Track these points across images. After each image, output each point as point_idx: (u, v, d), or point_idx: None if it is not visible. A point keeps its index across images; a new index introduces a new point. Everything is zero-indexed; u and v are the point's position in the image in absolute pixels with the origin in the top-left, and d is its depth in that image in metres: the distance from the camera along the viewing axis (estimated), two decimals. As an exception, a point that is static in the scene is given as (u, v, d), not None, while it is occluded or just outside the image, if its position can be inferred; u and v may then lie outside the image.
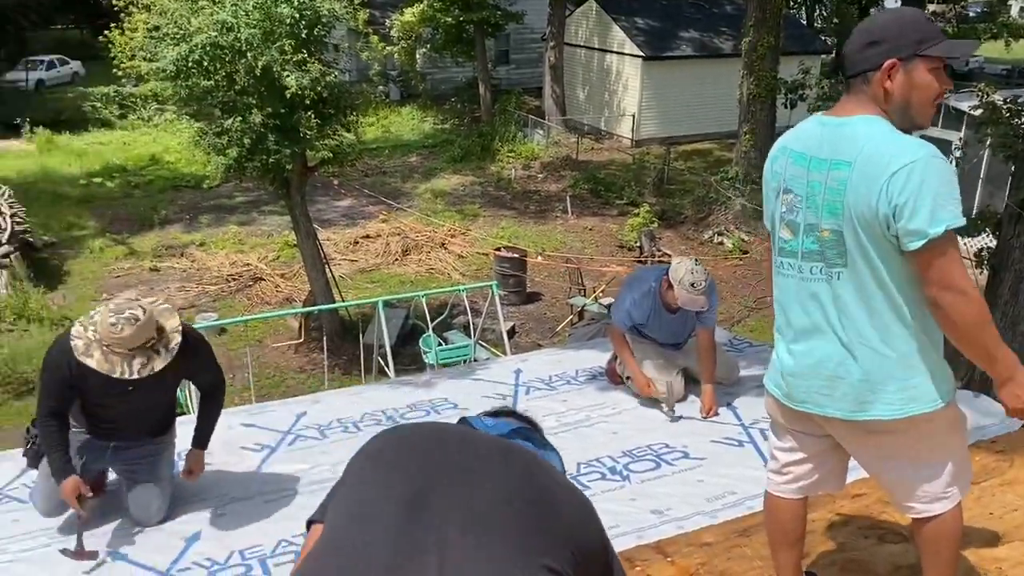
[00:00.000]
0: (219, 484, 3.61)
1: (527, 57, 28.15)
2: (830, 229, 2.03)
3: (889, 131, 1.99)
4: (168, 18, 9.15)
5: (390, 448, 1.40)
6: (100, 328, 2.97)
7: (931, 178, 1.89)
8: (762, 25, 15.09)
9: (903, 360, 2.05)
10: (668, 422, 4.22)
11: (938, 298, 1.94)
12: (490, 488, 1.31)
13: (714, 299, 4.31)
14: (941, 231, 1.88)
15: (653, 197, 17.39)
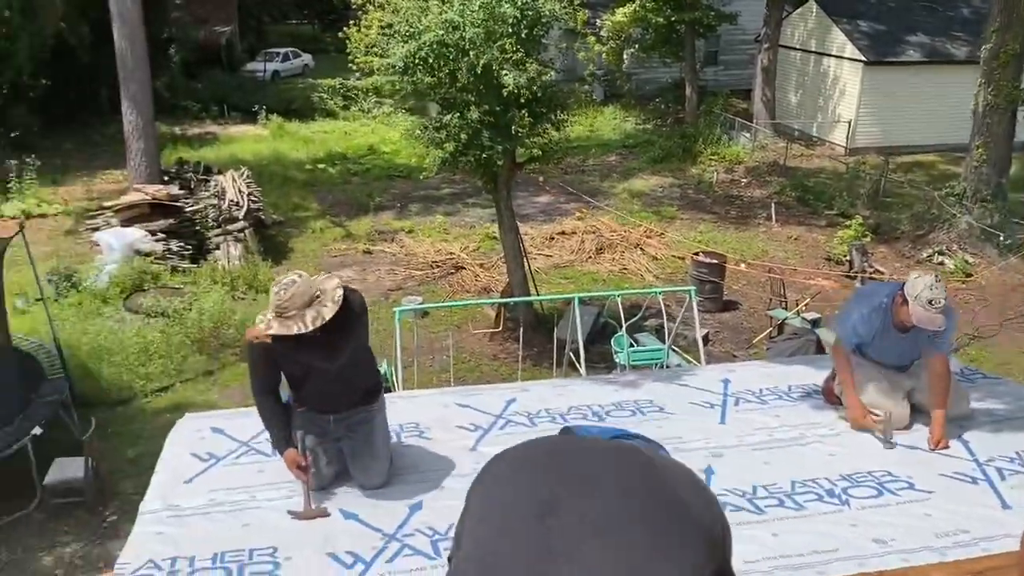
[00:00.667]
0: (438, 460, 3.83)
1: (737, 59, 27.37)
2: None
3: None
4: (401, 16, 9.69)
5: (509, 470, 1.38)
6: (270, 303, 3.31)
7: None
8: (1007, 30, 13.83)
9: None
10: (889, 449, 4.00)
11: None
12: (613, 492, 1.28)
13: (951, 321, 4.00)
14: None
15: (866, 209, 16.41)
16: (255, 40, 35.42)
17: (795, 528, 3.30)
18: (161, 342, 10.36)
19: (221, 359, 10.22)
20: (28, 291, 11.29)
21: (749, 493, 3.57)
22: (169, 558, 3.11)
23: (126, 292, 11.95)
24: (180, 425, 4.27)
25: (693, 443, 4.05)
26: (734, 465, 3.82)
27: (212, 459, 3.87)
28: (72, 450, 7.76)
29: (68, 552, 6.89)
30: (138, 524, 3.38)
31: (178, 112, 24.40)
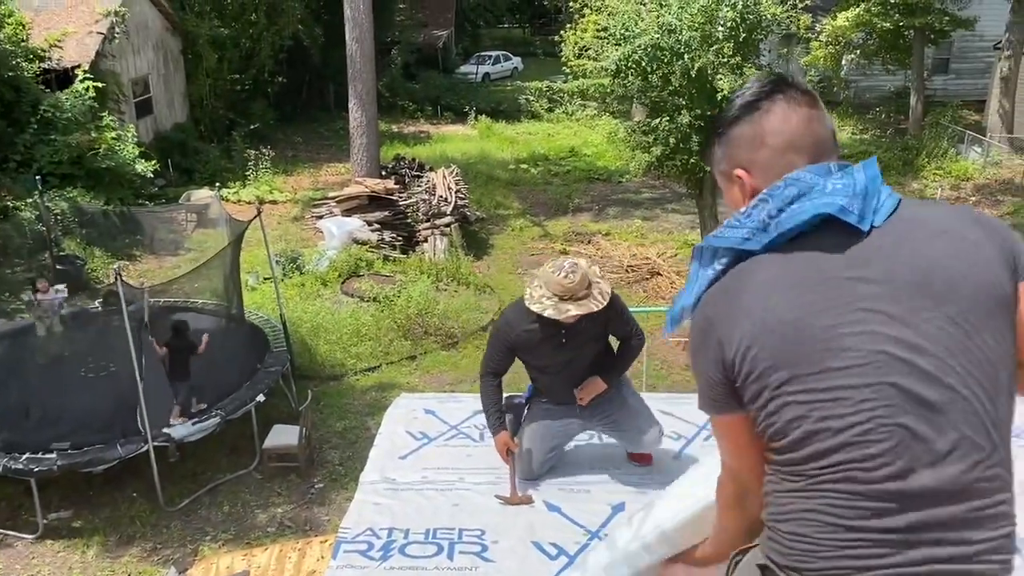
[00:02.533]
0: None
1: (971, 67, 25.20)
2: None
3: None
4: (617, 19, 9.75)
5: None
6: (549, 284, 3.35)
7: None
8: None
9: None
10: None
11: None
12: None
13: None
14: None
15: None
16: (469, 43, 36.86)
17: None
18: (371, 325, 11.04)
19: (423, 345, 10.74)
20: (259, 270, 12.41)
21: None
22: (386, 528, 3.32)
23: (343, 277, 12.84)
24: (397, 404, 4.53)
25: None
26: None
27: (424, 438, 4.08)
28: (289, 419, 8.45)
29: (280, 512, 7.50)
30: (359, 493, 3.62)
31: (396, 111, 25.87)
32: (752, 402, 1.45)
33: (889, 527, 1.35)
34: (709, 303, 1.50)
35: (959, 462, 1.34)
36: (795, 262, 1.43)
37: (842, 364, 1.37)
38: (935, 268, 1.38)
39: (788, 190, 1.45)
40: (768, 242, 1.44)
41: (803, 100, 1.50)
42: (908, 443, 1.34)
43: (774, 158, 1.49)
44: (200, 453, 7.94)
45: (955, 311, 1.36)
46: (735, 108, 1.53)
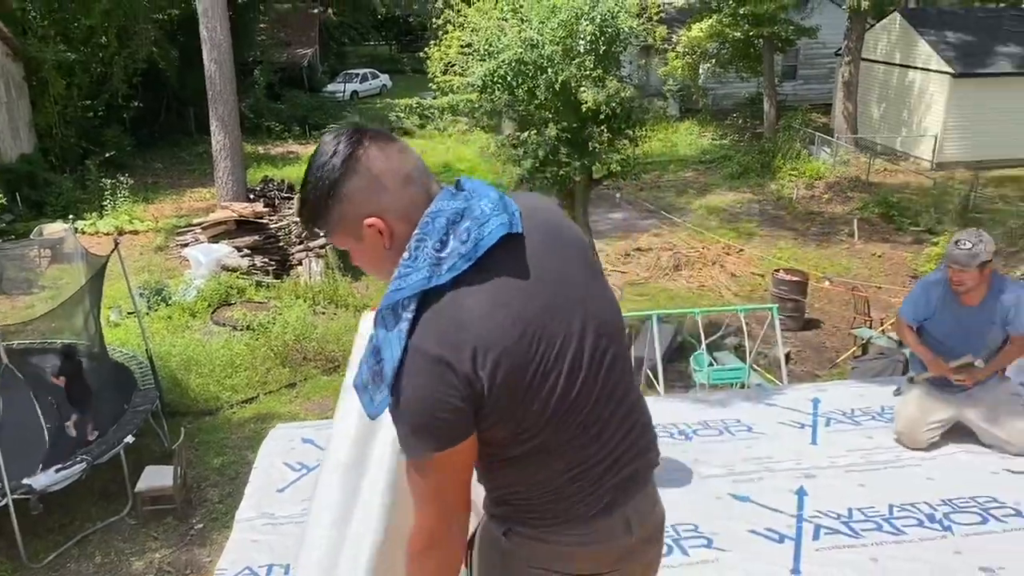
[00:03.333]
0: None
1: (817, 72, 26.89)
2: None
3: None
4: (480, 36, 9.83)
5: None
6: None
7: None
8: (1109, 37, 13.23)
9: None
10: (993, 473, 3.83)
11: None
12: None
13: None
14: None
15: (955, 226, 15.82)
16: (335, 61, 36.37)
17: (893, 553, 3.19)
18: (246, 355, 10.66)
19: (303, 372, 10.45)
20: (122, 304, 11.77)
21: (845, 516, 3.47)
22: (265, 565, 3.19)
23: (213, 306, 12.35)
24: (272, 436, 4.38)
25: (784, 463, 3.96)
26: (828, 487, 3.72)
27: (303, 469, 3.96)
28: (162, 459, 8.04)
29: (157, 557, 7.12)
30: (235, 531, 3.47)
31: (262, 132, 25.19)
32: (503, 414, 1.52)
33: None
34: (427, 343, 1.47)
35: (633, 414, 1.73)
36: (496, 278, 1.51)
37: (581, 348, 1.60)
38: (569, 249, 1.64)
39: (438, 222, 1.50)
40: (456, 274, 1.48)
41: (386, 138, 1.56)
42: None
43: (397, 196, 1.52)
44: (66, 502, 7.45)
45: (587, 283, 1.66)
46: (336, 167, 1.51)
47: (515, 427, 1.55)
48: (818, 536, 3.31)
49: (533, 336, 1.51)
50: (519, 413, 1.54)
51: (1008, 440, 3.96)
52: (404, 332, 1.48)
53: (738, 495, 3.65)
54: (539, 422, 1.56)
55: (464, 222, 1.50)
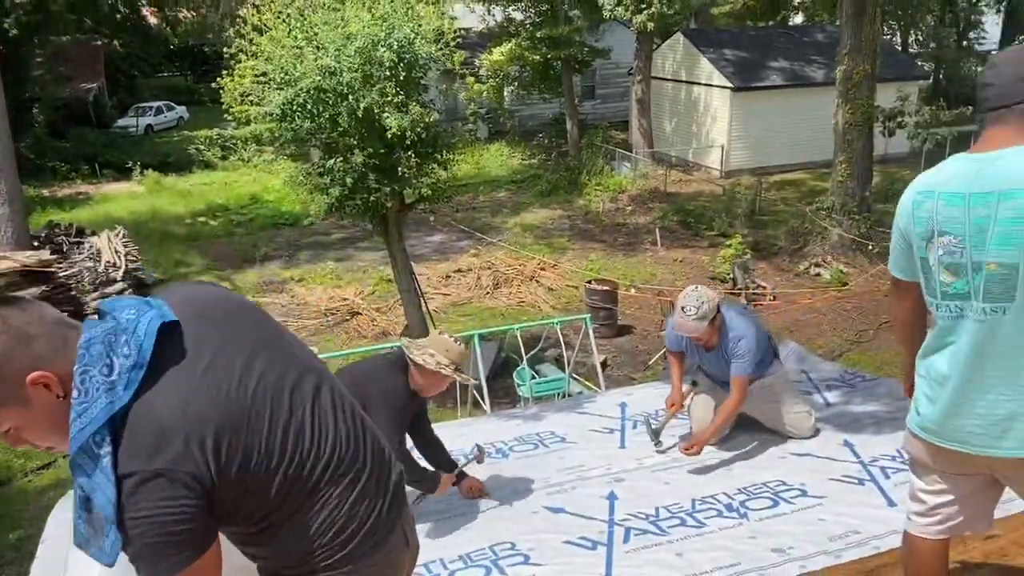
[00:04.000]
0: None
1: (613, 91, 28.31)
2: (1000, 263, 1.97)
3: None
4: (275, 64, 9.57)
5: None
6: (451, 352, 3.49)
7: None
8: (857, 52, 14.80)
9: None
10: (781, 458, 4.14)
11: None
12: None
13: (745, 344, 3.99)
14: None
15: (745, 228, 17.13)
16: (125, 95, 34.27)
17: (698, 546, 3.36)
18: (39, 416, 9.75)
19: (106, 429, 9.70)
20: None
21: (652, 515, 3.62)
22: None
23: (-3, 366, 11.22)
24: (61, 504, 4.01)
25: (595, 471, 4.09)
26: (636, 489, 3.87)
27: (97, 537, 3.64)
28: (-56, 542, 7.20)
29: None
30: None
31: (45, 173, 23.28)
32: (245, 485, 1.50)
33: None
34: (138, 464, 1.40)
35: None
36: (175, 370, 1.48)
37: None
38: (241, 316, 1.67)
39: (94, 349, 1.45)
40: (135, 387, 1.44)
41: (15, 298, 1.52)
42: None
43: (50, 339, 1.45)
44: None
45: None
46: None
47: (263, 493, 1.53)
48: (628, 539, 3.43)
49: (241, 406, 1.50)
50: (259, 478, 1.51)
51: (790, 425, 4.29)
52: (109, 467, 1.39)
53: (553, 507, 3.73)
54: (283, 477, 1.54)
55: (120, 337, 1.45)
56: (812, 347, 12.18)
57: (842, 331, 12.86)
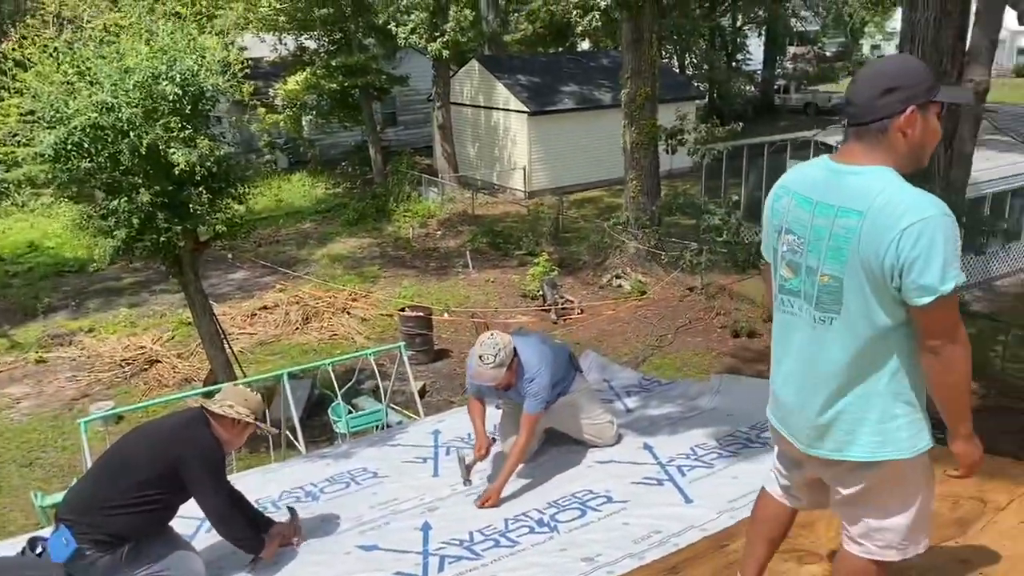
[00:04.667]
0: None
1: (415, 118, 28.51)
2: (831, 275, 2.08)
3: (900, 183, 2.03)
4: (44, 101, 8.87)
5: None
6: (250, 402, 3.50)
7: (942, 237, 1.93)
8: (638, 76, 15.76)
9: (883, 406, 2.12)
10: (588, 467, 4.29)
11: (940, 349, 2.00)
12: None
13: (536, 385, 4.07)
14: (950, 288, 1.94)
15: (551, 246, 17.73)
16: None
17: (511, 566, 3.40)
18: None
19: None
20: None
21: (467, 541, 3.63)
22: None
23: None
24: None
25: (408, 503, 4.05)
26: (450, 516, 3.87)
27: None
28: None
29: None
30: None
31: None
32: None
33: None
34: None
35: None
36: None
37: None
38: None
39: None
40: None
41: None
42: None
43: None
44: None
45: None
46: None
47: None
48: (443, 567, 3.42)
49: None
50: None
51: (594, 434, 4.46)
52: None
53: (366, 545, 3.65)
54: None
55: None
56: (619, 354, 12.79)
57: (644, 337, 13.57)
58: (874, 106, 2.07)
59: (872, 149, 2.08)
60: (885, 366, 2.10)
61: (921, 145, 2.10)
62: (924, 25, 7.90)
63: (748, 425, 4.54)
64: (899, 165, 2.09)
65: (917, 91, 2.05)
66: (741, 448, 4.27)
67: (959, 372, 2.04)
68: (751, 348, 13.07)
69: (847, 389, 2.14)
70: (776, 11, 32.99)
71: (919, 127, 2.06)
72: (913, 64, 2.17)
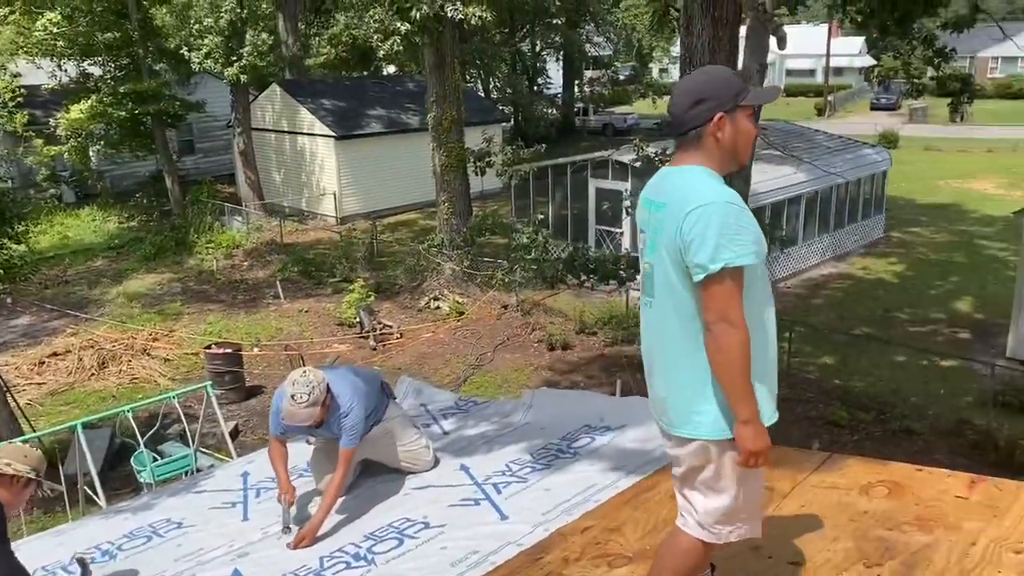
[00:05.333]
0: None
1: (215, 145, 27.36)
2: (650, 263, 2.33)
3: (699, 178, 2.27)
4: None
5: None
6: (30, 458, 3.30)
7: (718, 220, 2.16)
8: (443, 100, 15.96)
9: (695, 386, 2.28)
10: (404, 495, 4.24)
11: (712, 325, 2.19)
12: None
13: (349, 418, 3.98)
14: (719, 268, 2.14)
15: (366, 272, 17.50)
16: None
17: (328, 605, 3.30)
18: None
19: None
20: None
21: (280, 585, 3.48)
22: None
23: None
24: None
25: (215, 551, 3.83)
26: (262, 561, 3.70)
27: None
28: None
29: None
30: None
31: None
32: None
33: None
34: None
35: None
36: None
37: None
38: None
39: None
40: None
41: None
42: None
43: None
44: None
45: None
46: None
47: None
48: (254, 615, 3.26)
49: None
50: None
51: (410, 461, 4.43)
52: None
53: (169, 604, 3.42)
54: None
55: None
56: (439, 376, 12.81)
57: (465, 357, 13.68)
58: (687, 117, 2.31)
59: (692, 154, 2.32)
60: (696, 348, 2.26)
61: (734, 145, 2.33)
62: (700, 50, 8.54)
63: (559, 436, 4.67)
64: (718, 165, 2.33)
65: (723, 99, 2.28)
66: (553, 459, 4.38)
67: (730, 352, 2.18)
68: (566, 360, 13.51)
69: (669, 368, 2.34)
70: (571, 37, 34.53)
71: (729, 130, 2.30)
72: (719, 75, 2.39)
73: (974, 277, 17.13)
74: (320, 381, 3.95)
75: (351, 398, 4.07)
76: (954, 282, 16.97)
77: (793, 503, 3.46)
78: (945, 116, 14.16)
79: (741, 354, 2.18)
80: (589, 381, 12.50)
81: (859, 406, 11.11)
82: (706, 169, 2.30)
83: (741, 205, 2.23)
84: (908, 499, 3.37)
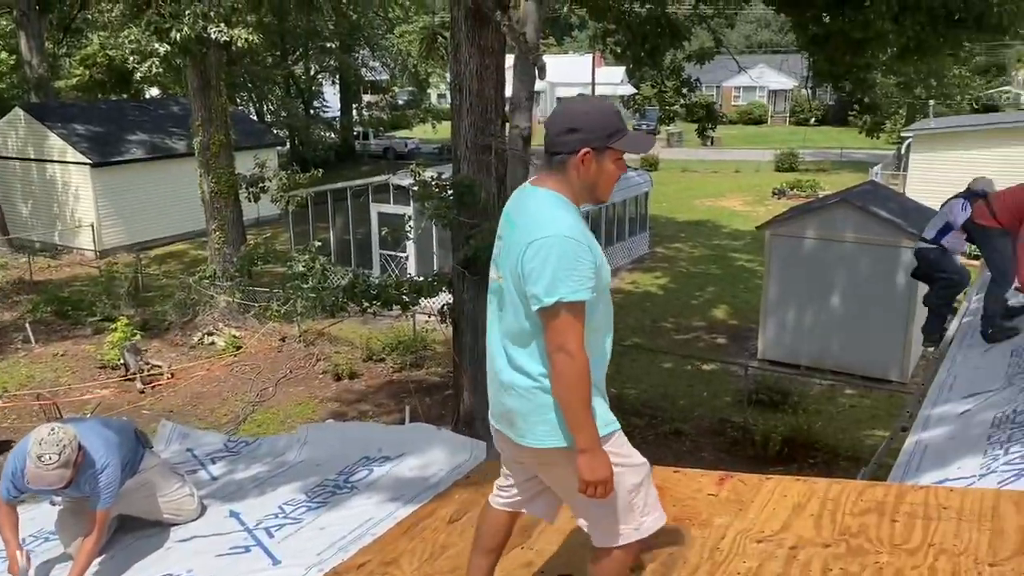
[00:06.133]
0: None
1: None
2: (497, 277, 2.39)
3: (550, 205, 2.27)
4: None
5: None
6: None
7: (555, 255, 2.17)
8: (210, 123, 15.23)
9: (542, 397, 2.29)
10: (167, 549, 3.94)
11: (552, 355, 2.22)
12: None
13: (104, 475, 3.68)
14: (553, 301, 2.16)
15: (130, 308, 16.25)
16: None
17: None
18: None
19: None
20: None
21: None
22: None
23: None
24: None
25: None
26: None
27: None
28: None
29: None
30: None
31: None
32: None
33: None
34: None
35: None
36: None
37: None
38: None
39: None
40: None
41: None
42: None
43: None
44: None
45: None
46: None
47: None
48: None
49: None
50: None
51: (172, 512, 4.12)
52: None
53: None
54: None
55: None
56: (216, 417, 12.12)
57: (244, 394, 13.04)
58: (557, 141, 2.31)
59: (552, 176, 2.33)
60: (538, 362, 2.30)
61: (594, 183, 2.33)
62: (468, 76, 8.75)
63: (336, 472, 4.53)
64: (573, 196, 2.33)
65: (594, 136, 2.28)
66: (330, 496, 4.24)
67: (568, 381, 2.22)
68: (353, 389, 13.25)
69: (513, 379, 2.34)
70: (346, 61, 34.25)
71: (593, 167, 2.30)
72: (599, 110, 2.35)
73: (728, 287, 18.79)
74: (72, 439, 3.56)
75: (106, 454, 3.72)
76: (711, 292, 18.52)
77: (564, 512, 3.56)
78: (699, 141, 15.52)
79: (579, 383, 2.22)
80: (377, 409, 12.34)
81: (633, 412, 11.76)
82: (560, 197, 2.31)
83: (581, 239, 2.24)
84: (666, 500, 3.57)
